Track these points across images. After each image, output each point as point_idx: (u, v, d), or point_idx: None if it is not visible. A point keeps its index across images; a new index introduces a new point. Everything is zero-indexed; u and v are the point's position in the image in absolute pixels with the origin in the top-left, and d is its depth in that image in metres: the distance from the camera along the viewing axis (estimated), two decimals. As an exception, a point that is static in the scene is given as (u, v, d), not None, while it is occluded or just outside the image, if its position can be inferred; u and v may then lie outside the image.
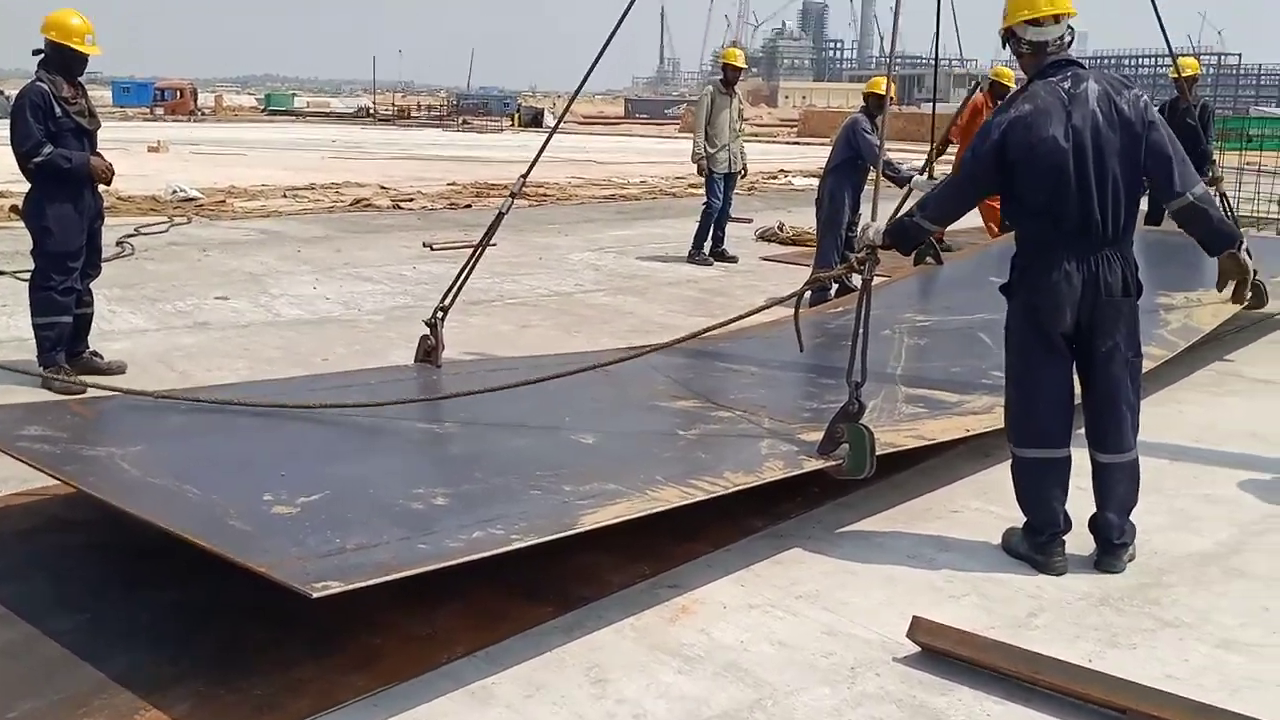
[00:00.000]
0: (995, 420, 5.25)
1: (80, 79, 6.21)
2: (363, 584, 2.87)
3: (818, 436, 4.50)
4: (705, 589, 3.85)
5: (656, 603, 3.73)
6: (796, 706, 3.12)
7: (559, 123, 6.80)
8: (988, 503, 4.74)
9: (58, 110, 5.97)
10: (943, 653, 3.35)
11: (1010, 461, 4.23)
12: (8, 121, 6.37)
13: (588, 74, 6.24)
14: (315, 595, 2.76)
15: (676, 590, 3.82)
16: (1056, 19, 4.03)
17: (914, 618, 3.46)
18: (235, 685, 3.11)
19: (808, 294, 6.05)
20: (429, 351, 5.76)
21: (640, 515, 3.61)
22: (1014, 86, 9.56)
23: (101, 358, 6.43)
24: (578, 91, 6.83)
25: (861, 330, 4.26)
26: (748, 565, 4.04)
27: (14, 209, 12.51)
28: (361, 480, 3.88)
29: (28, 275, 6.40)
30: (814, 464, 4.27)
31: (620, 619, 3.60)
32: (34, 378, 5.97)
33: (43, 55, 6.06)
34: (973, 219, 8.39)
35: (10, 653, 3.27)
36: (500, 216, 5.96)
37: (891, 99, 6.38)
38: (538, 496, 3.74)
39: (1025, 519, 4.15)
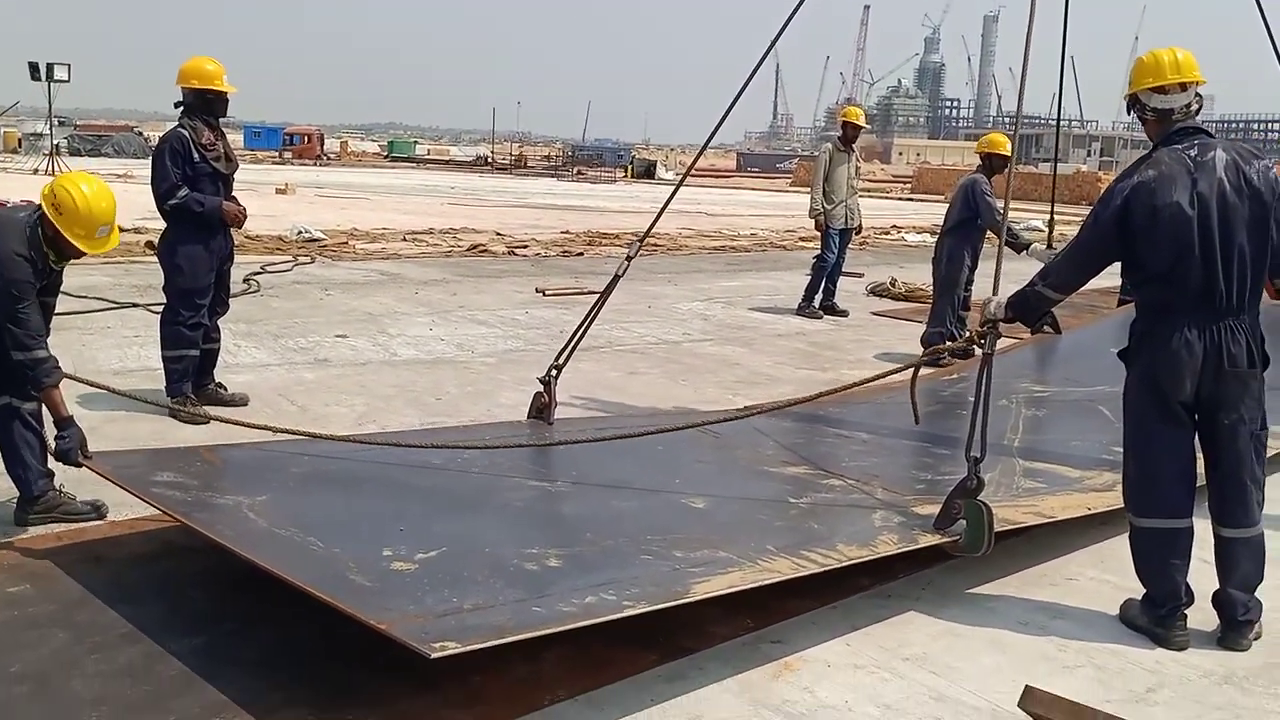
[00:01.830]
0: (1118, 499, 5.10)
1: (221, 122, 6.48)
2: (480, 645, 2.93)
3: (932, 509, 4.45)
4: (810, 648, 3.79)
5: (760, 658, 3.69)
6: (902, 771, 3.05)
7: (683, 180, 6.86)
8: (1104, 572, 4.60)
9: (195, 155, 6.25)
10: (1055, 725, 3.24)
11: (1129, 531, 4.10)
12: (149, 163, 6.68)
13: (713, 132, 6.30)
14: (434, 655, 2.82)
15: (780, 646, 3.78)
16: (1183, 86, 3.94)
17: (1026, 687, 3.35)
18: (342, 717, 3.16)
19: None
20: (542, 409, 5.83)
21: (752, 586, 3.59)
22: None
23: (225, 390, 6.66)
24: (704, 148, 6.94)
25: (982, 405, 4.21)
26: (853, 624, 3.98)
27: (149, 245, 13.16)
28: (477, 537, 3.94)
29: (160, 309, 6.68)
30: (929, 539, 4.21)
31: (723, 672, 3.57)
32: (161, 407, 6.20)
33: (184, 105, 6.36)
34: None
35: (132, 671, 3.38)
36: (616, 279, 6.00)
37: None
38: (649, 561, 3.74)
39: (1145, 590, 4.01)
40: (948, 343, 8.04)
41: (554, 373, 5.86)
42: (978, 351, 4.38)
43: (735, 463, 5.36)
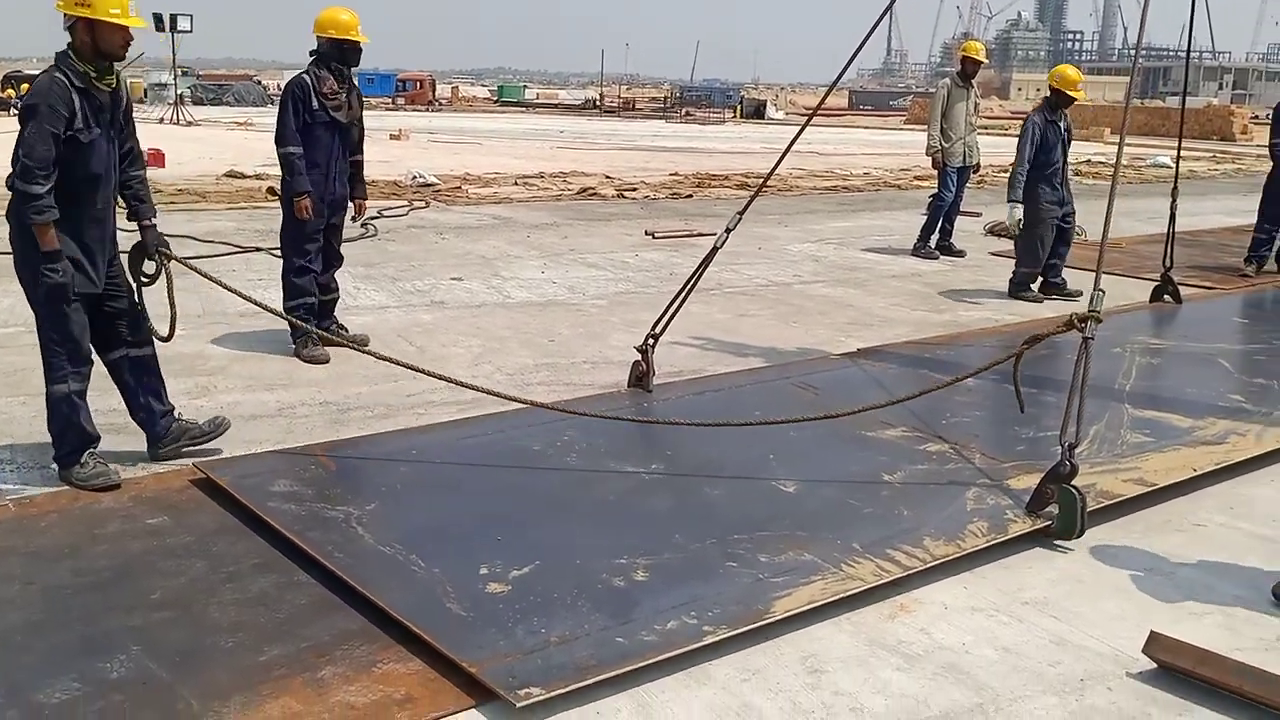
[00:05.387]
0: (1228, 454, 5.02)
1: (348, 74, 6.57)
2: (562, 691, 2.99)
3: (1028, 480, 4.46)
4: (926, 588, 3.77)
5: (874, 598, 3.68)
6: (1020, 714, 3.02)
7: (803, 128, 6.79)
8: (1234, 518, 4.46)
9: (315, 103, 6.38)
10: (1182, 671, 3.18)
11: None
12: (271, 110, 6.83)
13: (842, 71, 6.36)
14: (520, 705, 2.92)
15: (895, 587, 3.75)
16: None
17: (1151, 633, 3.29)
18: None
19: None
20: (641, 377, 5.90)
21: (832, 599, 3.57)
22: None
23: (346, 331, 6.83)
24: (831, 87, 6.96)
25: (1080, 393, 4.23)
26: (971, 567, 3.93)
27: (270, 190, 13.51)
28: (569, 545, 3.96)
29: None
30: (1020, 527, 4.18)
31: (837, 612, 3.57)
32: (287, 346, 6.42)
33: (318, 53, 6.49)
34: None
35: (265, 600, 3.52)
36: (715, 250, 6.03)
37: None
38: (733, 571, 3.73)
39: None
40: (1048, 331, 8.05)
41: (651, 342, 5.89)
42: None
43: (833, 428, 5.24)
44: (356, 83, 6.79)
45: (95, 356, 4.55)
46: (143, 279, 4.67)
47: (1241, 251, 11.04)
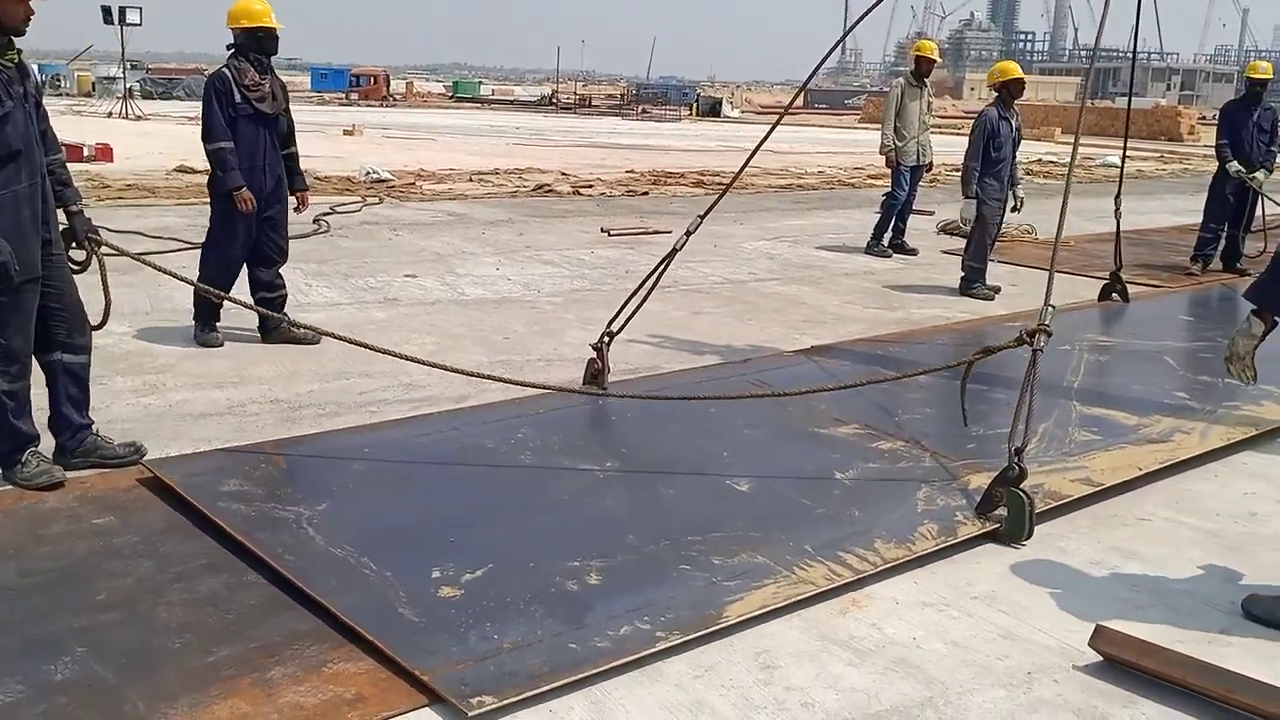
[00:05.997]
0: (1173, 452, 5.12)
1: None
2: (514, 699, 2.97)
3: (978, 480, 4.51)
4: (877, 584, 3.79)
5: (826, 594, 3.69)
6: (970, 707, 3.06)
7: (775, 125, 6.85)
8: (1179, 513, 4.53)
9: (238, 96, 6.34)
10: (1126, 664, 3.23)
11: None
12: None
13: (814, 71, 6.45)
14: (471, 714, 2.89)
15: (847, 585, 3.78)
16: None
17: (1097, 626, 3.34)
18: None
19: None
20: (596, 374, 5.88)
21: (784, 604, 3.57)
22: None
23: (299, 327, 6.74)
24: (803, 88, 7.02)
25: (1028, 401, 4.30)
26: (922, 563, 3.97)
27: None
28: (522, 547, 3.91)
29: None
30: (969, 530, 4.21)
31: (789, 608, 3.58)
32: (237, 343, 6.33)
33: (235, 46, 6.44)
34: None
35: (214, 600, 3.48)
36: (674, 252, 6.01)
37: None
38: (686, 574, 3.72)
39: None
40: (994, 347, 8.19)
41: (607, 339, 5.88)
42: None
43: (787, 424, 5.30)
44: (278, 73, 6.73)
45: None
46: (72, 267, 4.58)
47: (1188, 250, 11.23)
